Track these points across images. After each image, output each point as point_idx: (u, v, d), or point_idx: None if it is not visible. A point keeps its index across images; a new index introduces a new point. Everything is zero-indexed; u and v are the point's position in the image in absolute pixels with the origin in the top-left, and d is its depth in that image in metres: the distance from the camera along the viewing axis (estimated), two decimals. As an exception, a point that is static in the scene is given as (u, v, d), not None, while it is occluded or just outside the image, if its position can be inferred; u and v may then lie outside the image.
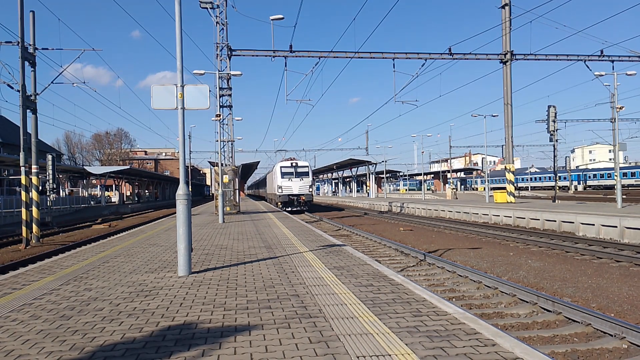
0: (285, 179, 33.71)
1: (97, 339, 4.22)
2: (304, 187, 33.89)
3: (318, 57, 26.28)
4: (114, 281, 6.87)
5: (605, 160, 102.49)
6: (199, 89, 7.51)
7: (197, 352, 3.83)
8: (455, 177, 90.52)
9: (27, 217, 17.53)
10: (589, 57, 28.37)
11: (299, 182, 33.76)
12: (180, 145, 7.37)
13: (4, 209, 28.73)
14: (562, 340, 6.16)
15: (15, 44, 17.39)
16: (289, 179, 33.67)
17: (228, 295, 5.81)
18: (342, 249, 9.72)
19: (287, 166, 34.53)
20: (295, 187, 33.65)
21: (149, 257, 9.26)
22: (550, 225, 19.48)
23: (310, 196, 34.23)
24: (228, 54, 25.02)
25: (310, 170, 35.05)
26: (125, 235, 14.75)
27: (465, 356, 3.61)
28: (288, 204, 33.40)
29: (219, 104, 23.29)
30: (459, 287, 9.37)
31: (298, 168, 34.38)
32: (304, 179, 34.07)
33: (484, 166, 40.31)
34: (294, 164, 34.59)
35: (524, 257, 12.84)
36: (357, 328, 4.35)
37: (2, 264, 13.44)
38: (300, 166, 34.60)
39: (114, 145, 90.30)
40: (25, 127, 17.73)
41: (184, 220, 7.17)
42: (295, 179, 33.75)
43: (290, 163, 34.75)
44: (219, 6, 24.16)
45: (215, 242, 11.81)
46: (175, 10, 7.33)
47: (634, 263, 11.35)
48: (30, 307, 5.43)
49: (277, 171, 34.56)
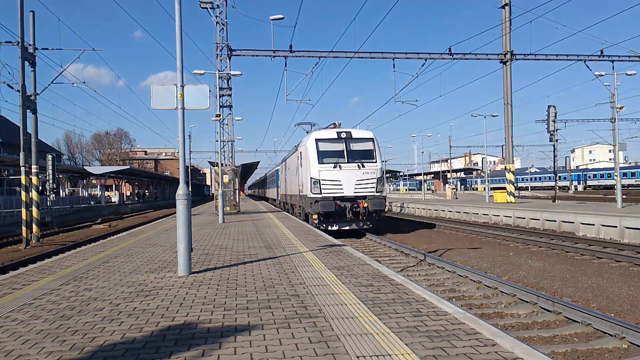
0: (325, 165, 17.18)
1: (97, 339, 4.21)
2: (366, 181, 17.25)
3: (318, 57, 26.29)
4: (114, 281, 6.87)
5: (605, 160, 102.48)
6: (199, 88, 7.51)
7: (197, 352, 3.83)
8: (455, 177, 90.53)
9: (27, 217, 17.53)
10: (589, 57, 28.37)
11: (355, 173, 17.21)
12: (180, 145, 7.36)
13: (4, 209, 28.75)
14: (562, 340, 6.17)
15: (15, 44, 17.39)
16: (333, 164, 17.15)
17: (228, 295, 5.81)
18: (342, 249, 9.72)
19: (329, 138, 17.78)
20: (347, 181, 17.14)
21: (149, 257, 9.26)
22: (550, 225, 19.47)
23: (380, 201, 17.16)
24: (228, 54, 25.02)
25: (377, 147, 18.00)
26: (125, 235, 14.75)
27: (465, 356, 3.61)
28: (332, 216, 17.05)
29: (219, 104, 23.30)
30: (459, 287, 9.37)
31: (353, 142, 17.71)
32: (368, 166, 17.32)
33: (484, 166, 40.35)
34: (343, 134, 17.80)
35: (524, 257, 12.84)
36: (357, 328, 4.35)
37: (2, 264, 13.43)
38: (357, 139, 17.88)
39: (114, 145, 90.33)
40: (25, 127, 17.73)
41: (184, 220, 7.17)
42: (348, 166, 17.20)
43: (337, 132, 17.89)
44: (219, 6, 24.18)
45: (215, 242, 11.81)
46: (175, 10, 7.33)
47: (634, 263, 11.35)
48: (30, 307, 5.43)
49: (309, 150, 17.75)
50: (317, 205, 16.66)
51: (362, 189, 17.12)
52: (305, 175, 17.96)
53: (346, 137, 17.76)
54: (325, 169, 17.10)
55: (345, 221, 17.33)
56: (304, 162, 18.36)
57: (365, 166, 17.28)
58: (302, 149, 19.06)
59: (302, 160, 18.86)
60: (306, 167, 17.93)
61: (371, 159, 17.57)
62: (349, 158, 17.35)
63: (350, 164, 17.25)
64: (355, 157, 17.37)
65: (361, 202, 16.94)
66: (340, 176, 17.09)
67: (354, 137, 17.86)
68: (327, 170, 17.08)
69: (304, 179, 18.29)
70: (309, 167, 17.50)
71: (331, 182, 17.04)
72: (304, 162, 18.36)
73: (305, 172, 18.15)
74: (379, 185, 17.34)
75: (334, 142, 17.68)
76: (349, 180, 17.09)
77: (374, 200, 16.94)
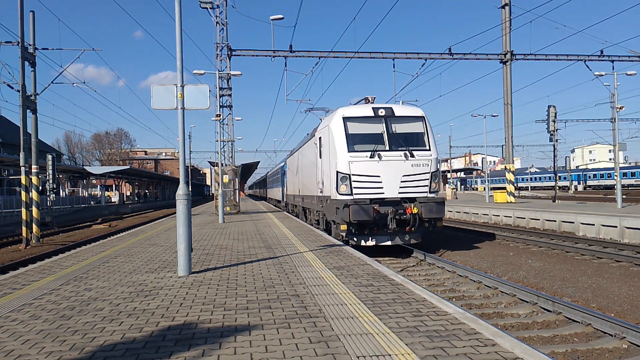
0: (358, 154, 12.44)
1: (97, 339, 4.22)
2: (417, 177, 12.58)
3: (318, 57, 26.28)
4: (114, 281, 6.87)
5: (605, 160, 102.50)
6: (199, 89, 7.51)
7: (197, 352, 3.83)
8: (455, 177, 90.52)
9: (27, 217, 17.54)
10: (589, 57, 28.37)
11: (401, 165, 12.50)
12: (180, 145, 7.37)
13: (4, 209, 28.73)
14: (562, 340, 6.17)
15: (15, 44, 17.39)
16: (370, 153, 12.39)
17: (228, 295, 5.81)
18: (342, 249, 9.72)
19: (362, 117, 13.06)
20: (390, 176, 12.40)
21: (149, 257, 9.26)
22: (550, 225, 19.47)
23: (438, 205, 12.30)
24: (228, 54, 25.03)
25: (430, 129, 13.29)
26: (125, 235, 14.75)
27: (465, 356, 3.61)
28: (367, 226, 12.38)
29: (219, 104, 23.30)
30: (459, 287, 9.37)
31: (396, 122, 13.02)
32: (418, 155, 12.65)
33: (484, 166, 40.36)
34: (381, 110, 13.05)
35: (524, 257, 12.84)
36: (357, 328, 4.35)
37: (2, 264, 13.44)
38: (402, 118, 13.18)
39: (114, 145, 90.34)
40: (25, 127, 17.74)
41: (184, 220, 7.17)
42: (391, 155, 12.47)
43: (373, 109, 13.14)
44: (219, 6, 24.18)
45: (215, 242, 11.81)
46: (175, 10, 7.33)
47: (634, 263, 11.35)
48: (30, 307, 5.43)
49: (334, 133, 12.92)
50: (346, 211, 11.64)
51: (410, 188, 12.30)
52: (328, 169, 13.09)
53: (386, 115, 12.77)
54: (358, 159, 12.21)
55: (385, 234, 12.36)
56: (326, 151, 13.54)
57: (415, 156, 12.39)
58: (323, 133, 14.05)
59: (322, 149, 14.00)
60: (329, 157, 13.00)
61: (423, 145, 12.71)
62: (392, 144, 12.46)
63: (394, 152, 12.32)
64: (400, 143, 12.52)
65: (409, 206, 12.06)
66: (380, 169, 12.18)
67: (397, 114, 12.90)
68: (361, 162, 12.18)
69: (326, 174, 13.40)
70: (333, 157, 12.60)
71: (366, 179, 12.17)
72: (326, 151, 13.54)
73: (327, 165, 13.24)
74: (433, 183, 12.58)
75: (369, 122, 12.77)
76: (392, 176, 12.21)
77: (428, 205, 12.02)
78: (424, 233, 13.30)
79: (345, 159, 12.32)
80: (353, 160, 12.26)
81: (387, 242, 12.62)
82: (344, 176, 12.28)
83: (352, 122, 12.82)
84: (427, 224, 12.51)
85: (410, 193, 12.34)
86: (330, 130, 13.05)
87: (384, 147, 12.50)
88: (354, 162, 12.25)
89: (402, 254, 13.40)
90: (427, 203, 12.10)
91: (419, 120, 13.22)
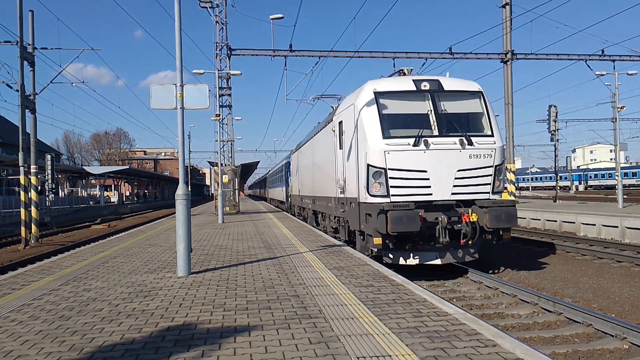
0: (396, 141, 9.38)
1: (97, 339, 4.19)
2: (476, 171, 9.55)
3: (318, 57, 26.21)
4: (113, 281, 6.85)
5: (606, 160, 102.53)
6: (199, 88, 7.50)
7: (196, 352, 3.81)
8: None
9: (26, 218, 17.51)
10: (589, 56, 28.31)
11: (455, 156, 9.44)
12: (179, 145, 7.35)
13: (3, 209, 28.72)
14: (563, 340, 6.15)
15: (14, 43, 17.37)
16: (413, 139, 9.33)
17: (228, 295, 5.79)
18: (342, 249, 9.69)
19: (400, 92, 9.97)
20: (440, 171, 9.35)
21: (148, 258, 9.24)
22: (551, 225, 19.45)
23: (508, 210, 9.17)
24: (228, 53, 24.99)
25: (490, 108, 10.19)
26: (124, 236, 14.74)
27: (465, 357, 3.59)
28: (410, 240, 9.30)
29: (219, 103, 23.27)
30: (460, 287, 9.34)
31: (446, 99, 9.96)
32: (478, 142, 9.62)
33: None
34: (425, 83, 9.93)
35: (524, 257, 12.81)
36: (357, 329, 4.33)
37: (2, 264, 13.42)
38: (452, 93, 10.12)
39: (113, 145, 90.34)
40: (24, 127, 17.72)
41: (183, 221, 7.15)
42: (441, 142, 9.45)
43: (414, 82, 10.00)
44: (219, 5, 24.16)
45: (215, 242, 11.79)
46: (174, 10, 7.31)
47: (635, 263, 11.33)
48: (30, 308, 5.41)
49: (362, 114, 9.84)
50: (383, 218, 8.67)
51: (467, 187, 9.42)
52: (354, 163, 10.21)
53: (431, 90, 9.82)
54: (398, 147, 9.26)
55: (433, 249, 9.41)
56: (350, 139, 10.56)
57: (475, 143, 9.47)
58: (345, 115, 11.12)
59: (345, 137, 11.10)
60: (355, 147, 10.12)
61: (482, 129, 9.89)
62: (442, 128, 9.53)
63: (446, 138, 9.42)
64: (453, 127, 9.62)
65: (465, 212, 9.24)
66: (427, 162, 9.27)
67: (446, 88, 9.94)
68: (401, 151, 9.25)
69: (350, 169, 10.58)
70: (362, 146, 9.67)
71: (409, 174, 9.25)
72: (350, 139, 10.56)
73: (352, 158, 10.37)
74: (497, 181, 9.68)
75: (409, 99, 9.85)
76: (443, 171, 9.30)
77: (494, 210, 9.06)
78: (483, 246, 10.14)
79: (379, 147, 9.27)
80: (390, 149, 9.24)
81: (436, 260, 9.50)
82: (378, 171, 9.28)
83: (387, 99, 9.80)
84: (491, 235, 9.50)
85: (467, 194, 9.42)
86: (357, 110, 10.01)
87: (430, 131, 9.51)
88: (391, 153, 9.23)
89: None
90: (492, 208, 9.07)
91: (476, 96, 10.22)
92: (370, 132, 9.51)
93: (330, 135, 12.78)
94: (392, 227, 8.54)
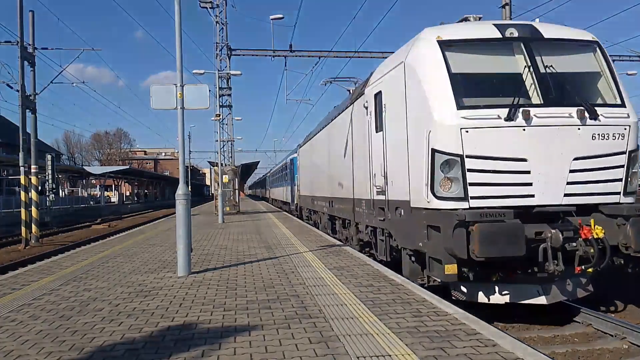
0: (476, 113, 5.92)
1: (97, 339, 4.20)
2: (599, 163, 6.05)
3: (318, 57, 26.21)
4: (113, 281, 6.85)
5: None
6: (199, 88, 7.51)
7: (196, 352, 3.82)
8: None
9: (26, 218, 17.51)
10: (589, 57, 28.32)
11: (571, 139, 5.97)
12: (180, 145, 7.37)
13: (3, 209, 28.72)
14: (562, 340, 6.15)
15: (15, 43, 17.38)
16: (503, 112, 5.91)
17: (228, 295, 5.79)
18: (342, 249, 9.70)
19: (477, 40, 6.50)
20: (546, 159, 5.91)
21: (148, 258, 9.25)
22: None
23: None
24: (228, 53, 25.00)
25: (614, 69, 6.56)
26: (124, 236, 14.75)
27: (465, 357, 3.59)
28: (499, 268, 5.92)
29: (219, 103, 23.31)
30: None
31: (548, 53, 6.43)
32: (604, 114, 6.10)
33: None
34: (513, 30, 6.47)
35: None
36: (357, 328, 4.34)
37: (2, 264, 13.42)
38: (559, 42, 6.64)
39: (114, 145, 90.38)
40: (24, 127, 17.72)
41: (183, 221, 7.16)
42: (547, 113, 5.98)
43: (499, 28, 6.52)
44: (219, 6, 24.19)
45: (215, 242, 11.80)
46: (175, 10, 7.32)
47: (634, 263, 11.30)
48: (30, 308, 5.41)
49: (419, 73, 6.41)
50: (462, 234, 5.64)
51: (588, 185, 6.17)
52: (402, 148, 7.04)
53: (526, 38, 6.60)
54: (481, 122, 6.02)
55: (535, 279, 6.16)
56: (396, 113, 7.38)
57: (600, 116, 6.20)
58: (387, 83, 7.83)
59: (387, 112, 7.82)
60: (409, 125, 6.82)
61: (605, 98, 6.62)
62: (548, 92, 6.32)
63: (555, 108, 6.19)
64: (564, 92, 6.45)
65: (585, 223, 5.91)
66: (527, 146, 6.04)
67: (546, 36, 6.70)
68: (487, 127, 6.02)
69: (396, 157, 7.39)
70: (422, 121, 6.39)
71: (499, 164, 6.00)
72: (396, 113, 7.38)
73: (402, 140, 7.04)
74: (631, 175, 6.39)
75: (493, 52, 6.66)
76: (552, 158, 6.07)
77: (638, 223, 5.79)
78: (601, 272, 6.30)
79: (451, 122, 6.01)
80: (470, 125, 5.97)
81: (539, 298, 6.24)
82: (450, 160, 6.01)
83: (460, 52, 6.55)
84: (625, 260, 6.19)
85: (587, 195, 6.17)
86: (411, 70, 6.74)
87: (529, 99, 6.26)
88: (471, 131, 5.96)
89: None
90: (635, 218, 5.82)
91: (590, 47, 6.87)
92: (435, 101, 6.19)
93: (359, 115, 9.51)
94: (482, 250, 5.42)
